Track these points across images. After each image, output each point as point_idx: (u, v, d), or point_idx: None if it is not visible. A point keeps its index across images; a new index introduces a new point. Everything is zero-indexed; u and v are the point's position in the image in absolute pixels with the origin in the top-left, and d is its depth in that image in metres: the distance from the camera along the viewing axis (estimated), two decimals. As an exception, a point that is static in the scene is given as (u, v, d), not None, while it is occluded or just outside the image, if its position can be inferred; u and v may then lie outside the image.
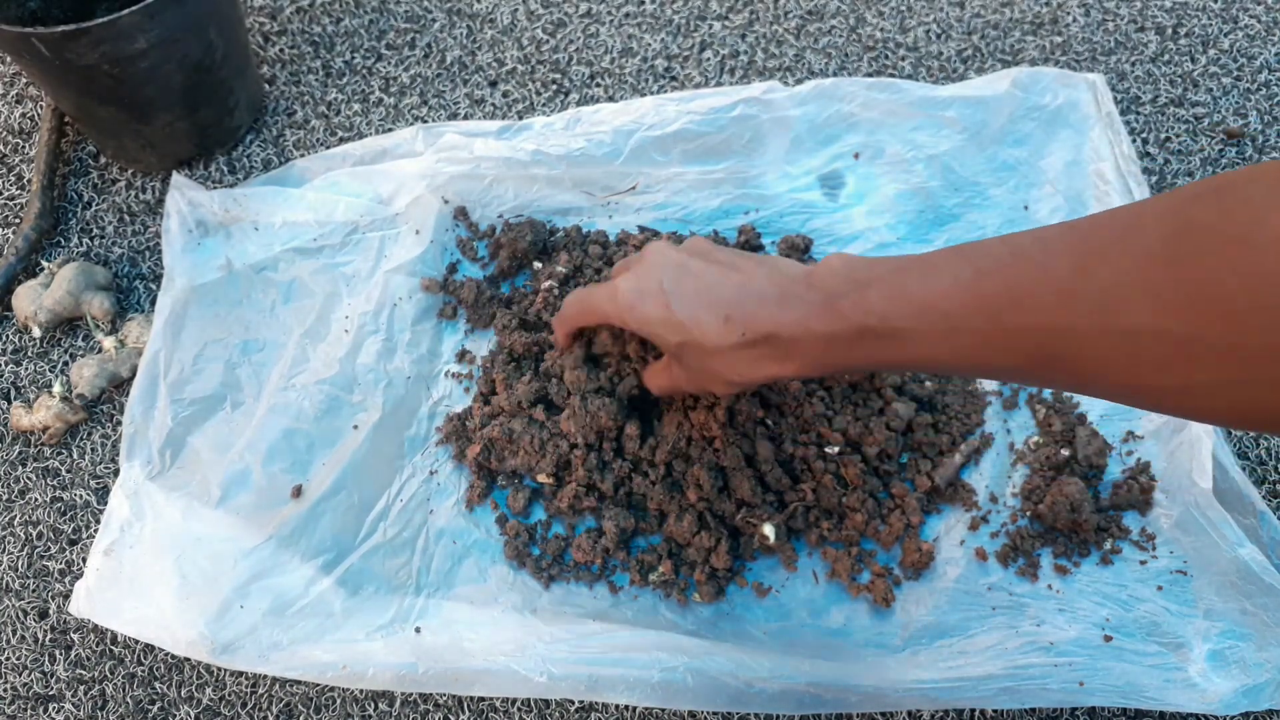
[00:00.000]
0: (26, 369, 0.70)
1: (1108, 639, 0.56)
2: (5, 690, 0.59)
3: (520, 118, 0.81)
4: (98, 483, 0.66)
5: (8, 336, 0.72)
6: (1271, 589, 0.54)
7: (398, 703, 0.58)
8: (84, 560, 0.62)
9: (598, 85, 0.84)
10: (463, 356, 0.69)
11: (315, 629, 0.57)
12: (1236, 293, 0.30)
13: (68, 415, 0.67)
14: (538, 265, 0.72)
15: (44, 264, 0.73)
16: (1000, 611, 0.57)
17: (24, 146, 0.82)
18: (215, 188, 0.76)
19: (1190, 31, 0.85)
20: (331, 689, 0.58)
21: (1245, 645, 0.54)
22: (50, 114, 0.79)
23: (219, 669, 0.59)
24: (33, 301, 0.70)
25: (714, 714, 0.56)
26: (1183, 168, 0.77)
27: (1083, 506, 0.58)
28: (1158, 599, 0.57)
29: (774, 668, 0.54)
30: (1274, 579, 0.54)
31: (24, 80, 0.85)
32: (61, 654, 0.60)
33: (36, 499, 0.65)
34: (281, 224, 0.72)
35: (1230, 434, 0.65)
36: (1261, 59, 0.83)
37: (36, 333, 0.70)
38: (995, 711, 0.57)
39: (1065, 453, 0.62)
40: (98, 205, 0.78)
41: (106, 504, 0.61)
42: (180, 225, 0.71)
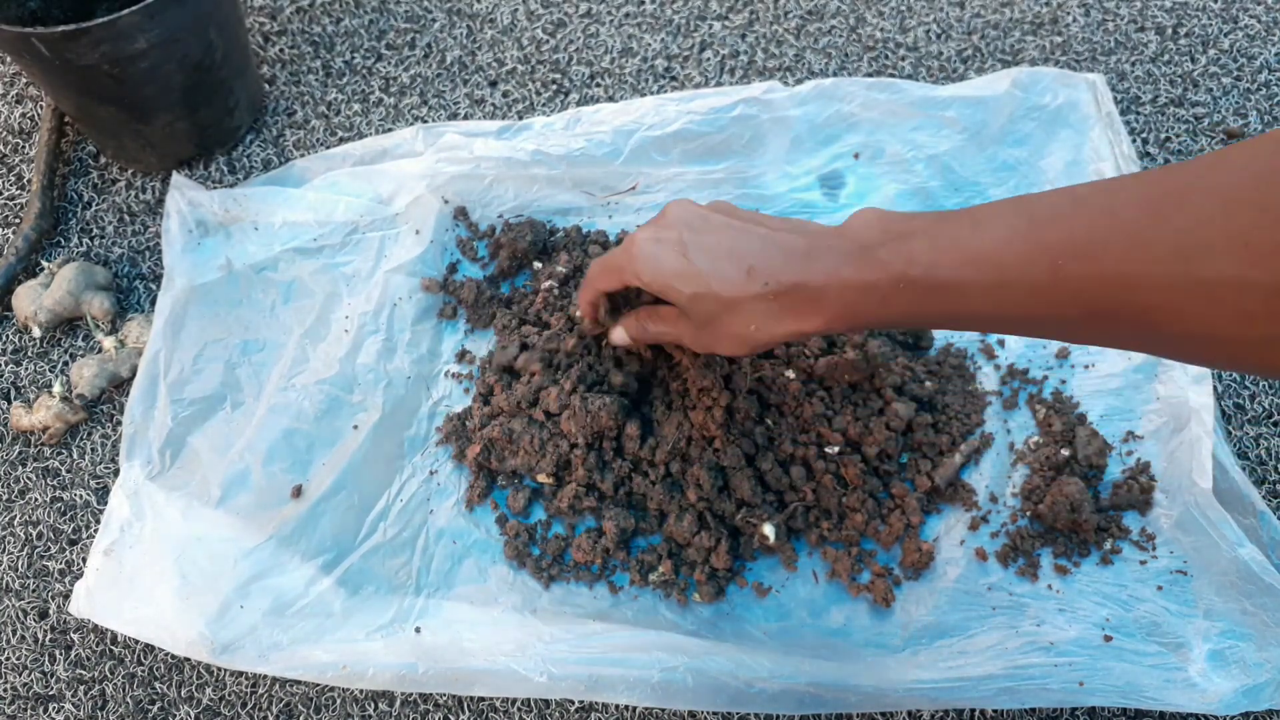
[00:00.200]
0: (26, 369, 0.70)
1: (1108, 639, 0.56)
2: (5, 690, 0.59)
3: (520, 118, 0.81)
4: (98, 483, 0.66)
5: (8, 336, 0.72)
6: (1271, 589, 0.54)
7: (398, 703, 0.58)
8: (84, 560, 0.62)
9: (598, 85, 0.84)
10: (463, 356, 0.69)
11: (315, 629, 0.57)
12: None
13: (68, 415, 0.67)
14: (538, 265, 0.72)
15: (44, 264, 0.73)
16: (1000, 611, 0.57)
17: (24, 146, 0.82)
18: (215, 188, 0.76)
19: (1190, 31, 0.85)
20: (331, 689, 0.58)
21: (1245, 645, 0.54)
22: (50, 114, 0.79)
23: (219, 669, 0.59)
24: (33, 301, 0.70)
25: (714, 714, 0.56)
26: (1183, 168, 0.77)
27: (1083, 506, 0.58)
28: (1158, 599, 0.57)
29: (774, 668, 0.54)
30: (1274, 579, 0.54)
31: (24, 80, 0.85)
32: (61, 654, 0.60)
33: (36, 499, 0.65)
34: (281, 224, 0.72)
35: (1230, 434, 0.65)
36: (1261, 59, 0.83)
37: (36, 333, 0.70)
38: (995, 711, 0.57)
39: (1065, 453, 0.62)
40: (98, 205, 0.78)
41: (106, 504, 0.61)
42: (180, 225, 0.71)
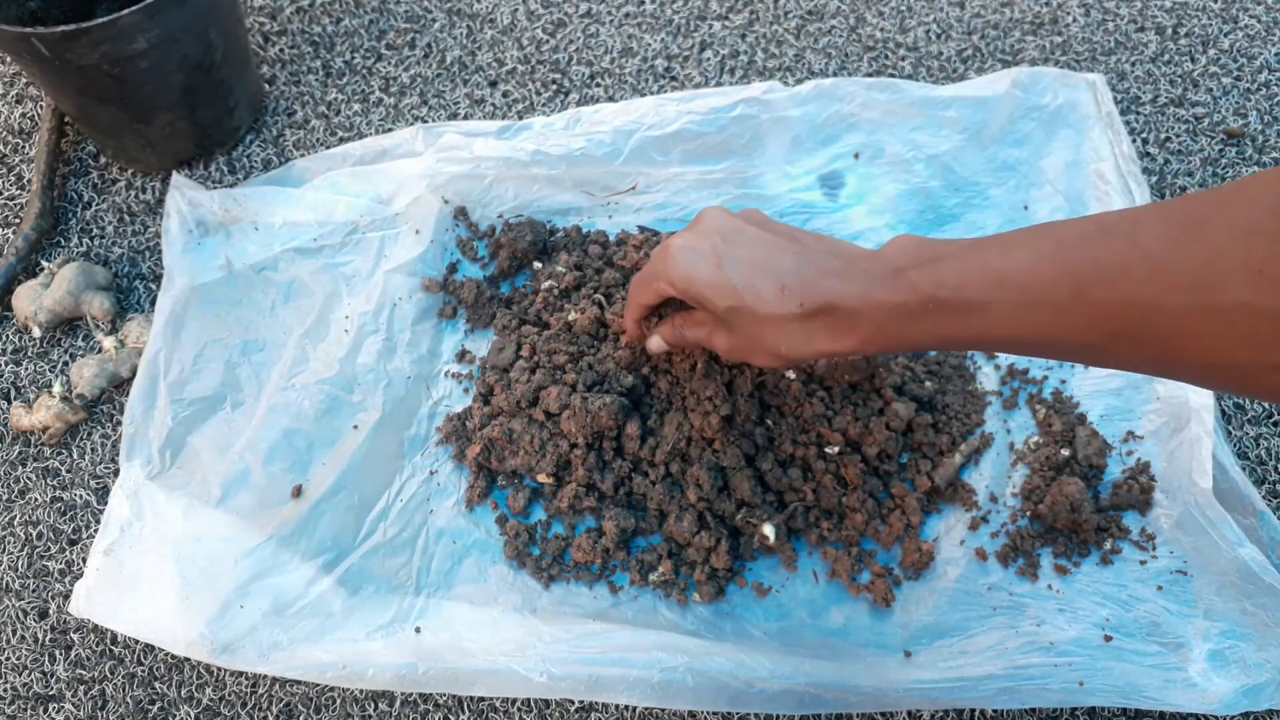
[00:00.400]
0: (26, 369, 0.70)
1: (1108, 639, 0.56)
2: (5, 690, 0.59)
3: (520, 118, 0.81)
4: (98, 483, 0.66)
5: (8, 336, 0.72)
6: (1271, 589, 0.54)
7: (398, 703, 0.58)
8: (84, 560, 0.62)
9: (598, 85, 0.84)
10: (463, 356, 0.69)
11: (315, 629, 0.57)
12: None
13: (68, 415, 0.67)
14: (538, 265, 0.72)
15: (44, 264, 0.73)
16: (1000, 611, 0.57)
17: (24, 146, 0.82)
18: (215, 188, 0.76)
19: (1190, 31, 0.85)
20: (331, 689, 0.58)
21: (1245, 645, 0.54)
22: (50, 114, 0.79)
23: (219, 669, 0.59)
24: (33, 301, 0.70)
25: (714, 714, 0.56)
26: (1183, 168, 0.77)
27: (1083, 506, 0.58)
28: (1158, 599, 0.57)
29: (774, 668, 0.54)
30: (1274, 579, 0.54)
31: (24, 80, 0.85)
32: (61, 654, 0.60)
33: (36, 499, 0.65)
34: (281, 224, 0.72)
35: (1230, 434, 0.65)
36: (1261, 59, 0.83)
37: (36, 333, 0.70)
38: (995, 711, 0.57)
39: (1065, 453, 0.62)
40: (98, 205, 0.78)
41: (106, 504, 0.61)
42: (180, 225, 0.71)
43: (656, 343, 0.57)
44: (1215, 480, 0.58)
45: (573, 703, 0.57)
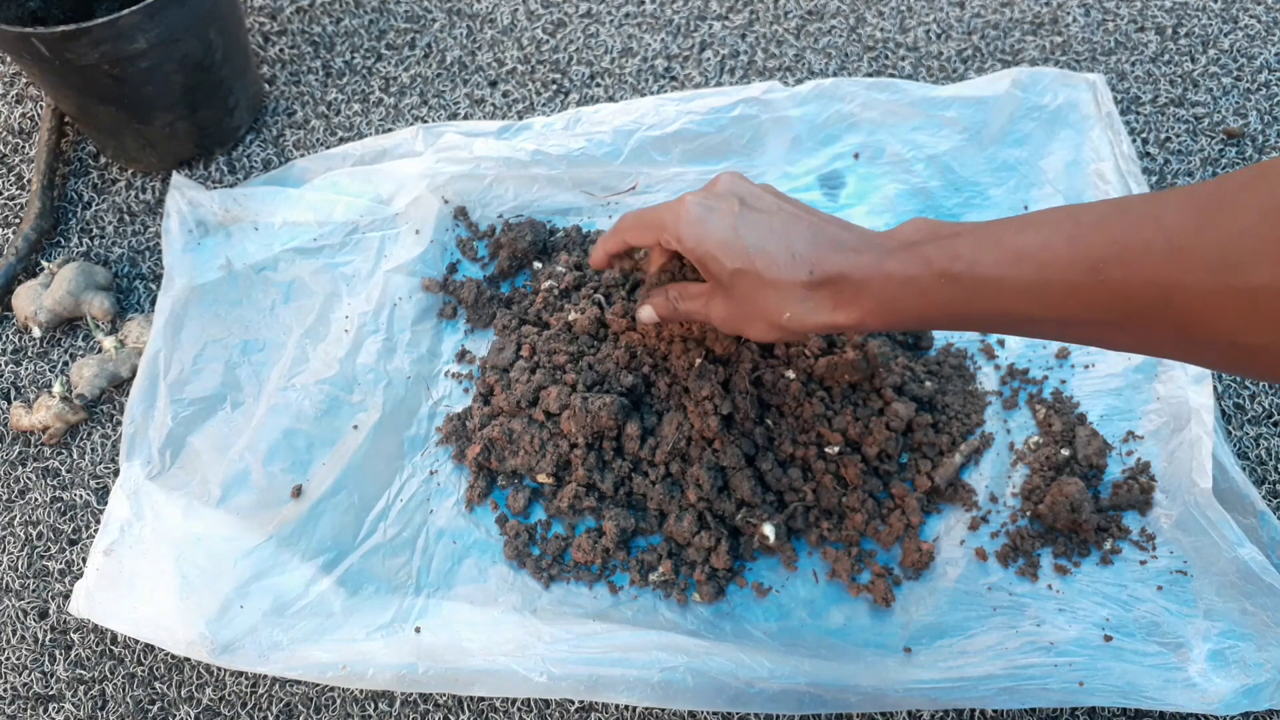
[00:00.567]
0: (26, 369, 0.70)
1: (1108, 639, 0.56)
2: (5, 690, 0.59)
3: (520, 118, 0.81)
4: (98, 483, 0.66)
5: (8, 336, 0.72)
6: (1271, 589, 0.54)
7: (398, 703, 0.58)
8: (84, 560, 0.62)
9: (598, 85, 0.84)
10: (463, 356, 0.69)
11: (315, 629, 0.57)
12: None
13: (68, 415, 0.67)
14: (538, 265, 0.72)
15: (44, 264, 0.73)
16: (1000, 611, 0.57)
17: (24, 146, 0.82)
18: (215, 188, 0.76)
19: (1190, 31, 0.85)
20: (331, 689, 0.58)
21: (1245, 645, 0.54)
22: (50, 114, 0.79)
23: (219, 669, 0.59)
24: (33, 301, 0.70)
25: (714, 714, 0.56)
26: (1183, 168, 0.77)
27: (1083, 506, 0.58)
28: (1158, 599, 0.57)
29: (774, 668, 0.54)
30: (1274, 579, 0.54)
31: (24, 80, 0.85)
32: (61, 654, 0.60)
33: (36, 499, 0.65)
34: (281, 224, 0.72)
35: (1230, 434, 0.65)
36: (1261, 59, 0.83)
37: (36, 333, 0.70)
38: (995, 711, 0.57)
39: (1065, 453, 0.62)
40: (98, 205, 0.78)
41: (106, 504, 0.61)
42: (180, 225, 0.71)
43: (647, 313, 0.57)
44: (1215, 480, 0.58)
45: (573, 703, 0.57)
